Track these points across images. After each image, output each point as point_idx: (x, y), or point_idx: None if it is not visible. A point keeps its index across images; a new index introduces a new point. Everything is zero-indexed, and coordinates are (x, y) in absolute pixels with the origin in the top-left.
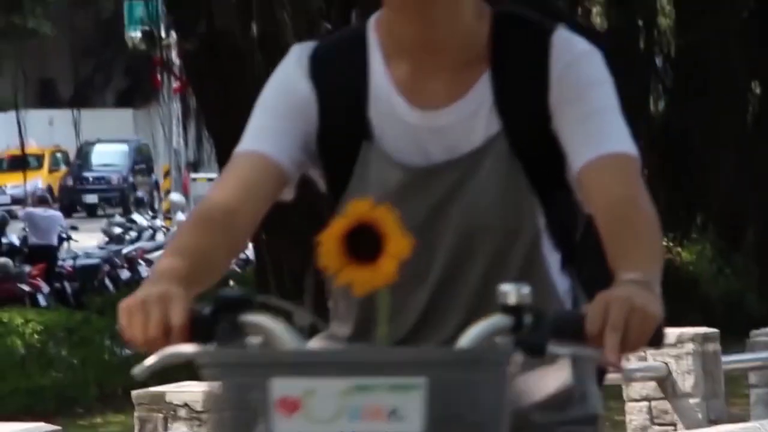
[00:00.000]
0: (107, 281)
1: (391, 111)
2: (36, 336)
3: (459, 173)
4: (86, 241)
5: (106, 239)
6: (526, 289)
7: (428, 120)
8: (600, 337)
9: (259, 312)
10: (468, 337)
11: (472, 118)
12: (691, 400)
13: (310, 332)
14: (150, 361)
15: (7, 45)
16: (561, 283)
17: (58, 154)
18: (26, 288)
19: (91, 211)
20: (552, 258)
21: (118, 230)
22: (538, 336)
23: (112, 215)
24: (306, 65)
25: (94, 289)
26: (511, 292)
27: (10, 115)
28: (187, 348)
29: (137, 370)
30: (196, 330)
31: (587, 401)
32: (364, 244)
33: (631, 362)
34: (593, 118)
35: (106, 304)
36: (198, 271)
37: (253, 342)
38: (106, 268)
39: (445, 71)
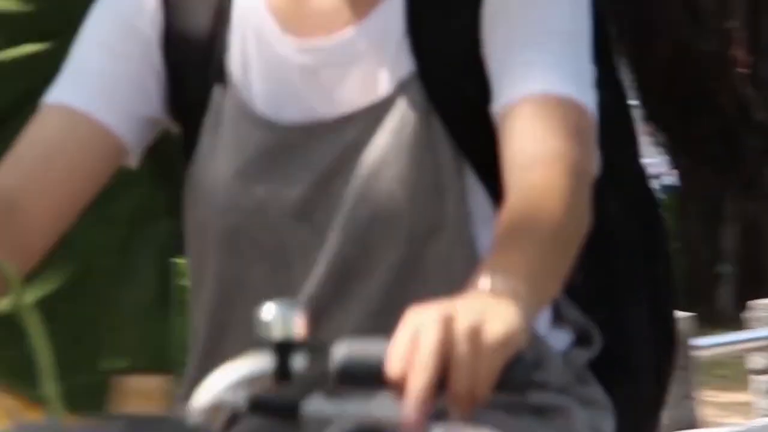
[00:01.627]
0: None
1: (256, 40)
2: None
3: (351, 136)
4: None
5: None
6: (297, 315)
7: (305, 52)
8: (404, 381)
9: None
10: (202, 394)
11: (373, 53)
12: None
13: None
14: None
15: None
16: None
17: None
18: None
19: None
20: None
21: None
22: (292, 390)
23: None
24: None
25: None
26: (274, 320)
27: None
28: None
29: None
30: None
31: None
32: None
33: None
34: (529, 45)
35: None
36: None
37: None
38: None
39: None
